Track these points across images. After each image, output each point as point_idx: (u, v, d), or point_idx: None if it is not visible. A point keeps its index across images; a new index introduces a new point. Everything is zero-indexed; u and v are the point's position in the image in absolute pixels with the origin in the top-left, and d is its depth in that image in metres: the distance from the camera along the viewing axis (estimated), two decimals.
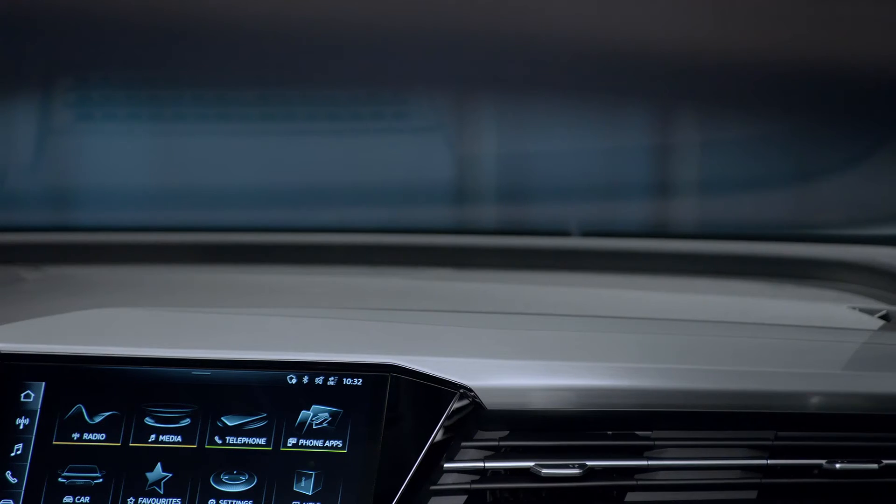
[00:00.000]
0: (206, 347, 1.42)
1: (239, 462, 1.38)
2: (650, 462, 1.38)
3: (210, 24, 1.86)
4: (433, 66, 1.92)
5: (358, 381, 1.40)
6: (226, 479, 1.38)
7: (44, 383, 1.40)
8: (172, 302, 1.55)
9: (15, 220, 1.97)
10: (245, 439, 1.39)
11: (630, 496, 1.38)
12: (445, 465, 1.38)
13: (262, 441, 1.39)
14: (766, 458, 1.39)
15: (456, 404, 1.39)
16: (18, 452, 1.38)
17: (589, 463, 1.38)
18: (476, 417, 1.39)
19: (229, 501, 1.37)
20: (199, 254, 1.93)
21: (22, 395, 1.40)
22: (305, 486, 1.37)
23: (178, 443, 1.38)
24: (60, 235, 1.92)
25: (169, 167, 1.99)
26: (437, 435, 1.38)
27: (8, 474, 1.37)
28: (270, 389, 1.40)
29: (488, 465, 1.38)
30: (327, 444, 1.38)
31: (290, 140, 1.99)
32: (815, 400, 1.39)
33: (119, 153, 1.99)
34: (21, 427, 1.39)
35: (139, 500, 1.36)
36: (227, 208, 2.00)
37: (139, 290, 1.70)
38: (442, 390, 1.39)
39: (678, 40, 1.84)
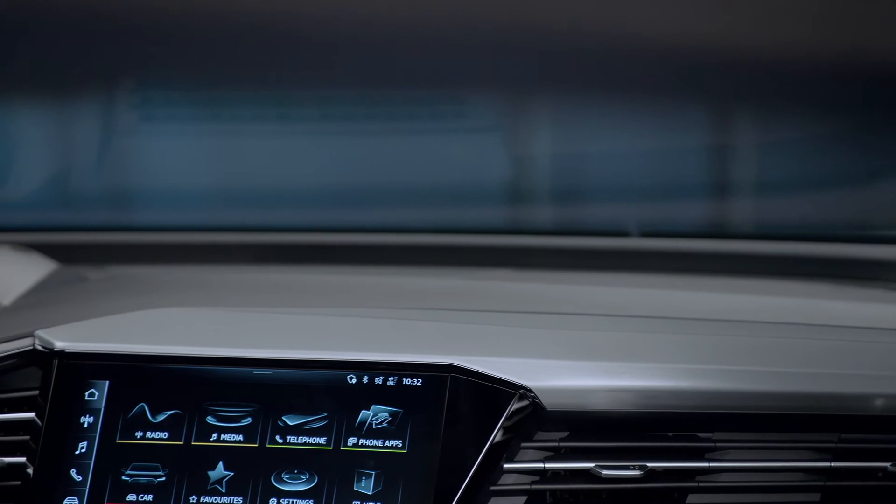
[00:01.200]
0: (268, 347, 1.43)
1: (299, 461, 1.39)
2: (712, 464, 1.38)
3: (270, 25, 1.87)
4: (490, 67, 1.92)
5: (417, 382, 1.41)
6: (287, 479, 1.38)
7: (107, 382, 1.42)
8: (233, 302, 1.56)
9: (79, 220, 2.00)
10: (305, 439, 1.40)
11: (691, 498, 1.37)
12: (505, 466, 1.38)
13: (322, 441, 1.39)
14: (830, 461, 1.37)
15: (515, 405, 1.39)
16: (83, 451, 1.39)
17: (650, 464, 1.37)
18: (536, 418, 1.39)
19: (290, 500, 1.37)
20: (260, 254, 1.94)
21: (86, 393, 1.41)
22: (365, 486, 1.38)
23: (239, 442, 1.39)
24: (123, 235, 1.94)
25: (229, 168, 2.01)
26: (497, 436, 1.38)
27: (73, 472, 1.39)
28: (331, 389, 1.41)
29: (548, 465, 1.38)
30: (387, 443, 1.39)
31: (349, 140, 2.00)
32: (879, 402, 1.38)
33: (180, 153, 2.01)
34: (85, 426, 1.40)
35: (201, 499, 1.38)
36: (286, 209, 2.01)
37: (201, 289, 1.71)
38: (501, 391, 1.39)
39: (737, 38, 1.83)
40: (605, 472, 1.37)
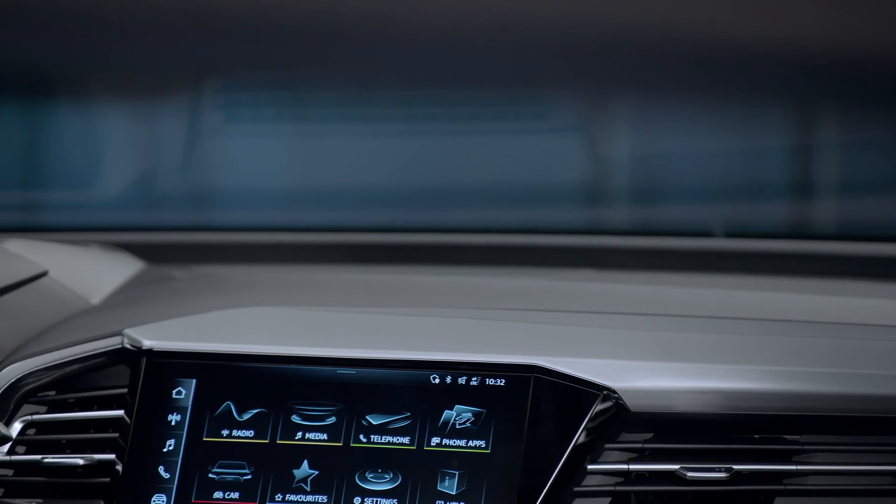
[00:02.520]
0: (352, 347, 1.43)
1: (383, 461, 1.39)
2: (799, 467, 1.36)
3: (354, 25, 1.88)
4: (571, 67, 1.91)
5: (501, 382, 1.41)
6: (371, 478, 1.39)
7: (194, 380, 1.43)
8: (317, 301, 1.57)
9: (166, 220, 2.02)
10: (389, 438, 1.40)
11: (778, 501, 1.36)
12: (589, 467, 1.38)
13: (405, 440, 1.40)
14: None
15: (599, 406, 1.38)
16: (170, 448, 1.41)
17: (736, 467, 1.36)
18: (620, 419, 1.39)
19: (374, 500, 1.38)
20: (342, 254, 1.95)
21: (173, 392, 1.43)
22: (449, 486, 1.38)
23: (323, 441, 1.40)
24: (208, 235, 1.96)
25: (312, 167, 2.02)
26: (581, 437, 1.37)
27: (161, 469, 1.40)
28: (414, 389, 1.41)
29: (632, 467, 1.38)
30: (470, 443, 1.39)
31: (430, 141, 2.01)
32: None
33: (264, 154, 2.03)
34: (173, 423, 1.42)
35: (286, 497, 1.39)
36: (368, 208, 2.02)
37: (285, 289, 1.72)
38: (585, 391, 1.39)
39: (819, 37, 1.81)
40: (690, 474, 1.36)
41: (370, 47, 1.89)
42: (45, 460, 1.41)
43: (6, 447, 1.42)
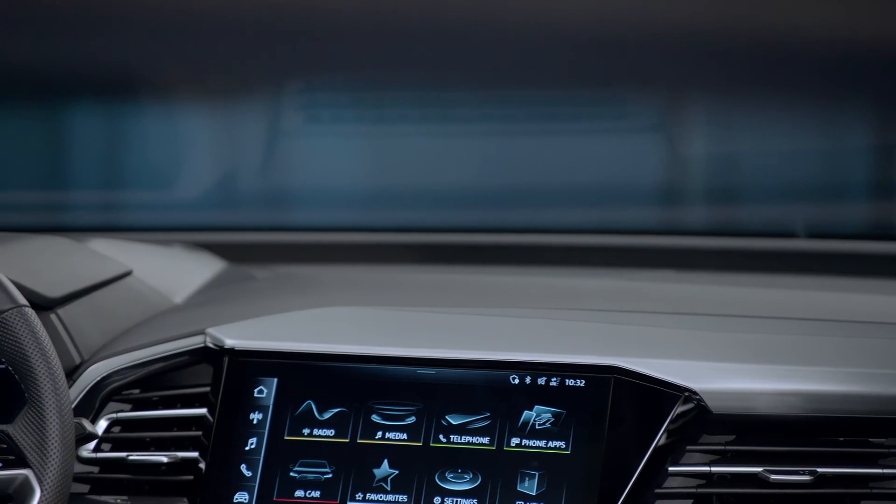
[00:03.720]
0: (431, 347, 1.44)
1: (463, 461, 1.39)
2: (885, 470, 1.34)
3: (431, 26, 1.88)
4: (650, 66, 1.90)
5: (580, 383, 1.40)
6: (450, 478, 1.39)
7: (275, 379, 1.44)
8: (396, 301, 1.58)
9: (246, 220, 2.04)
10: (469, 438, 1.40)
11: None
12: (670, 469, 1.37)
13: (485, 440, 1.40)
14: None
15: (680, 408, 1.37)
16: (252, 447, 1.42)
17: (820, 470, 1.34)
18: (701, 421, 1.38)
19: (454, 499, 1.38)
20: (421, 254, 1.96)
21: (255, 390, 1.44)
22: (529, 487, 1.38)
23: (403, 440, 1.41)
24: (288, 235, 1.98)
25: (390, 168, 2.03)
26: (661, 438, 1.37)
27: (243, 467, 1.41)
28: (493, 389, 1.41)
29: (714, 469, 1.37)
30: (550, 444, 1.39)
31: (508, 141, 2.01)
32: None
33: (343, 154, 2.04)
34: (255, 422, 1.43)
35: (367, 496, 1.39)
36: (446, 208, 2.02)
37: (364, 288, 1.73)
38: (666, 393, 1.38)
39: None
40: (773, 476, 1.35)
41: (449, 47, 1.90)
42: (130, 458, 1.43)
43: (92, 444, 1.44)
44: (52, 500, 1.26)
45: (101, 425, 1.45)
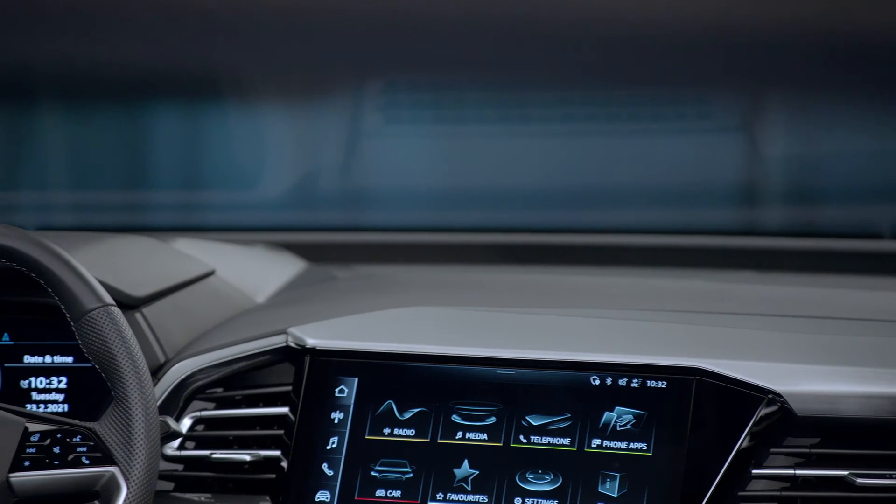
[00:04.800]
0: (511, 347, 1.44)
1: (543, 461, 1.39)
2: None
3: (510, 26, 1.88)
4: (730, 65, 1.89)
5: (662, 384, 1.40)
6: (531, 478, 1.39)
7: (356, 379, 1.45)
8: (474, 301, 1.57)
9: (326, 221, 2.05)
10: (549, 439, 1.40)
11: None
12: (753, 472, 1.36)
13: (566, 441, 1.39)
14: None
15: (764, 410, 1.36)
16: (334, 446, 1.42)
17: None
18: (785, 423, 1.36)
19: (535, 500, 1.38)
20: (500, 254, 1.96)
21: (336, 390, 1.45)
22: (610, 488, 1.37)
23: (483, 441, 1.41)
24: (367, 235, 1.99)
25: (469, 168, 2.03)
26: (744, 441, 1.35)
27: (324, 466, 1.42)
28: (573, 390, 1.41)
29: (799, 472, 1.35)
30: (631, 446, 1.38)
31: (588, 140, 2.00)
32: None
33: (421, 154, 2.05)
34: (336, 421, 1.43)
35: (447, 496, 1.39)
36: (525, 209, 2.02)
37: (443, 289, 1.73)
38: (749, 395, 1.36)
39: None
40: (860, 480, 1.33)
41: (528, 47, 1.89)
42: (214, 456, 1.44)
43: (176, 442, 1.45)
44: (139, 498, 1.27)
45: (185, 423, 1.46)
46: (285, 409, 1.45)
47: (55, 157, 2.07)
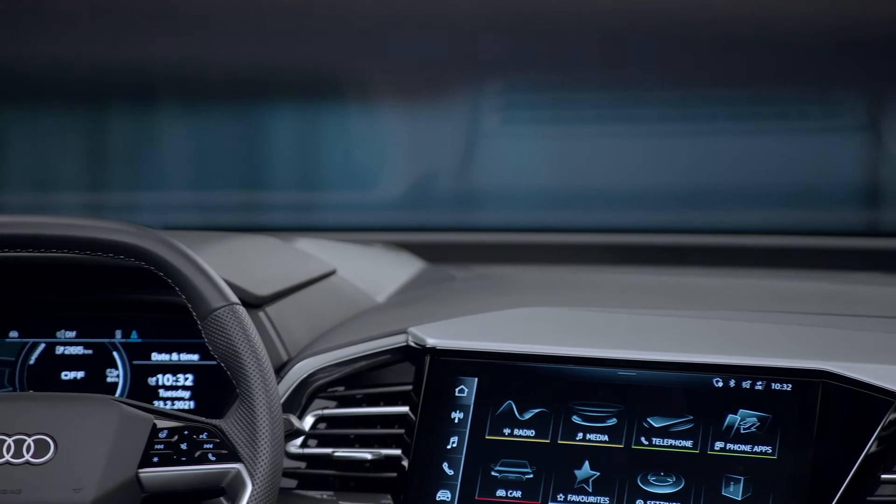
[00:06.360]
0: (632, 348, 1.42)
1: (665, 464, 1.38)
2: None
3: (626, 26, 1.87)
4: (856, 63, 1.85)
5: (787, 387, 1.37)
6: (653, 480, 1.38)
7: (476, 379, 1.45)
8: (591, 302, 1.57)
9: (444, 221, 2.06)
10: (671, 441, 1.38)
11: None
12: (882, 477, 1.33)
13: (688, 444, 1.38)
14: None
15: (893, 415, 1.33)
16: (454, 445, 1.43)
17: None
18: None
19: (656, 503, 1.37)
20: (616, 255, 1.95)
21: (456, 389, 1.45)
22: (734, 492, 1.35)
23: (604, 442, 1.40)
24: (483, 235, 1.99)
25: (586, 168, 2.02)
26: (872, 445, 1.33)
27: (445, 466, 1.42)
28: (696, 392, 1.39)
29: None
30: (755, 449, 1.36)
31: (707, 140, 1.98)
32: None
33: (537, 155, 2.04)
34: (456, 421, 1.43)
35: (568, 497, 1.39)
36: (642, 209, 2.00)
37: (559, 289, 1.73)
38: (877, 398, 1.34)
39: None
40: None
41: (645, 46, 1.88)
42: (336, 454, 1.45)
43: (299, 440, 1.46)
44: (263, 494, 1.28)
45: (308, 421, 1.47)
46: (406, 409, 1.45)
47: (178, 157, 2.10)
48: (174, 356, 1.54)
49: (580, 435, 1.40)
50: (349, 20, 1.91)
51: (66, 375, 1.54)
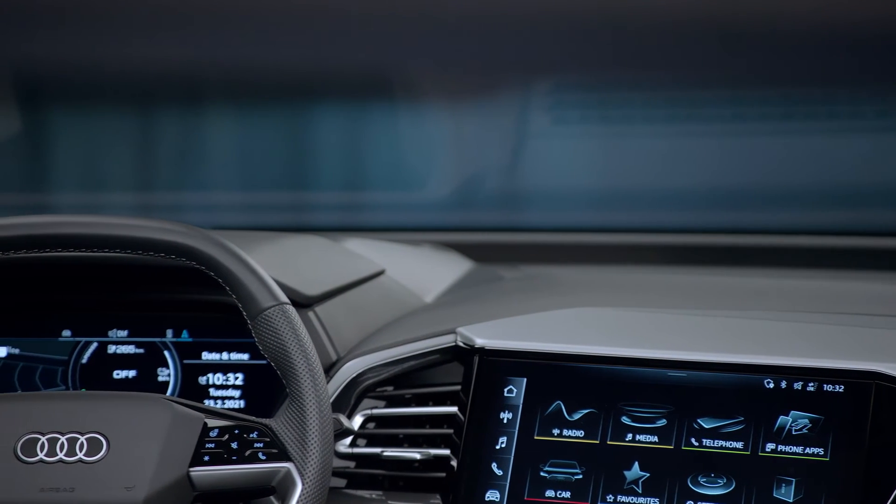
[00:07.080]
0: (682, 349, 1.42)
1: (716, 465, 1.37)
2: None
3: (675, 25, 1.86)
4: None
5: (839, 388, 1.36)
6: (703, 482, 1.37)
7: (524, 379, 1.44)
8: (641, 302, 1.56)
9: (492, 221, 2.06)
10: (722, 442, 1.38)
11: None
12: None
13: (739, 445, 1.37)
14: None
15: None
16: (503, 445, 1.42)
17: None
18: None
19: None
20: (667, 255, 1.94)
21: (505, 390, 1.45)
22: (786, 493, 1.34)
23: (654, 443, 1.39)
24: (533, 236, 1.99)
25: (634, 168, 2.02)
26: None
27: (493, 466, 1.42)
28: (747, 393, 1.39)
29: None
30: (807, 451, 1.35)
31: (757, 140, 1.97)
32: None
33: (586, 155, 2.04)
34: (505, 421, 1.43)
35: (618, 498, 1.38)
36: (691, 209, 2.00)
37: (608, 289, 1.72)
38: None
39: None
40: None
41: (694, 45, 1.87)
42: (385, 453, 1.45)
43: (349, 440, 1.46)
44: (313, 494, 1.28)
45: (357, 421, 1.47)
46: (454, 409, 1.45)
47: (228, 158, 2.11)
48: (224, 355, 1.55)
49: (630, 436, 1.40)
50: (398, 20, 1.91)
51: (118, 374, 1.56)
